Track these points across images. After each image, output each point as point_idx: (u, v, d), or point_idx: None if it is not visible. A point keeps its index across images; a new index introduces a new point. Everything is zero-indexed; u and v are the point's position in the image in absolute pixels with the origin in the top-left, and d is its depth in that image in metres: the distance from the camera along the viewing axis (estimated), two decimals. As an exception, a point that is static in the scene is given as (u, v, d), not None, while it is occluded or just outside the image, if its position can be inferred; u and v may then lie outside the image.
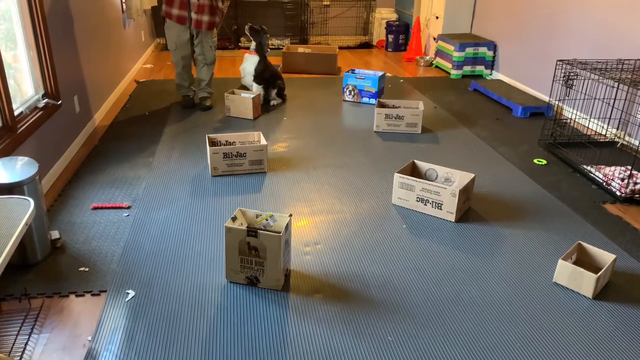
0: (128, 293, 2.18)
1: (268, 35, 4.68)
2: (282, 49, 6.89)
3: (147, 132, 4.00)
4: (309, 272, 2.34)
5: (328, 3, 7.51)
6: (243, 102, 4.28)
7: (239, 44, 7.19)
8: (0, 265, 1.27)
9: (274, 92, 4.71)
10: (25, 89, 3.11)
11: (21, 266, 2.32)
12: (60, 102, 3.34)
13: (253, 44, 4.65)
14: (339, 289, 2.23)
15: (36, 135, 2.96)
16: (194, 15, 4.22)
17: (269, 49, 4.74)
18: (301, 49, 6.15)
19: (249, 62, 4.72)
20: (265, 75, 4.63)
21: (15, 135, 2.69)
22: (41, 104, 3.13)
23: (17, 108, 2.88)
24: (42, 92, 3.22)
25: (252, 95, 4.31)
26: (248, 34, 4.63)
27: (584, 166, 3.39)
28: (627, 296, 2.22)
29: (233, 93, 4.44)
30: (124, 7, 5.38)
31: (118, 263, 2.37)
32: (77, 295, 2.17)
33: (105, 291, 2.19)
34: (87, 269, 2.33)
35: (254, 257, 2.16)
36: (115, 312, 2.06)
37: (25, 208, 1.57)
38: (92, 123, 4.07)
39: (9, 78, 2.70)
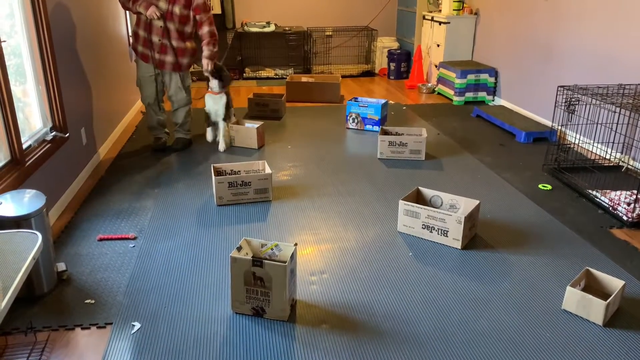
0: (134, 325, 2.17)
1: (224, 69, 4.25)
2: (285, 78, 6.99)
3: (153, 162, 4.04)
4: (315, 302, 2.32)
5: (330, 33, 7.64)
6: (247, 132, 4.33)
7: (244, 74, 7.29)
8: (8, 301, 1.28)
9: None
10: (33, 123, 3.16)
11: (27, 299, 2.32)
12: (67, 134, 3.38)
13: (214, 83, 4.17)
14: (345, 319, 2.21)
15: (44, 168, 3.00)
16: (156, 55, 3.98)
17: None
18: (304, 78, 6.24)
19: (220, 103, 4.21)
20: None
21: (24, 168, 2.72)
22: (49, 137, 3.18)
23: (26, 141, 2.93)
24: (50, 125, 3.27)
25: (257, 125, 4.35)
26: (213, 78, 4.14)
27: (590, 191, 3.38)
28: (638, 323, 2.19)
29: (238, 123, 4.49)
30: (131, 40, 5.49)
31: (124, 295, 2.37)
32: (82, 328, 2.16)
33: (111, 323, 2.18)
34: (93, 301, 2.33)
35: (260, 288, 2.16)
36: (120, 345, 2.05)
37: (32, 242, 1.58)
38: (99, 155, 4.12)
39: (18, 112, 2.75)
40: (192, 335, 2.11)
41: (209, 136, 4.33)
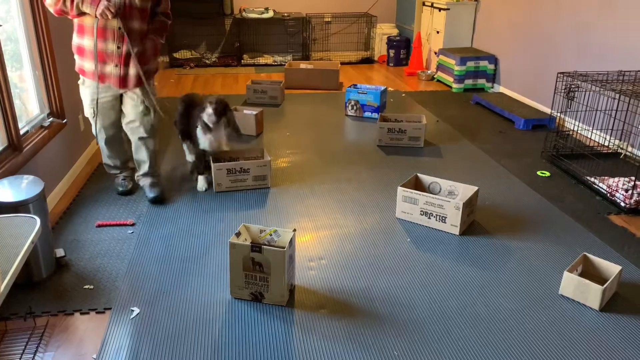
0: (133, 310, 2.17)
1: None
2: (284, 65, 6.95)
3: (151, 149, 4.02)
4: (314, 287, 2.33)
5: (329, 20, 7.59)
6: (246, 119, 4.31)
7: (242, 61, 7.25)
8: (7, 284, 1.28)
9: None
10: (30, 108, 3.15)
11: (26, 284, 2.33)
12: (65, 120, 3.37)
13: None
14: (343, 304, 2.22)
15: (41, 154, 2.99)
16: (113, 70, 2.85)
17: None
18: (303, 65, 6.20)
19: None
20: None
21: (21, 154, 2.71)
22: (46, 123, 3.16)
23: (23, 127, 2.91)
24: (47, 111, 3.25)
25: (255, 112, 4.34)
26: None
27: (588, 178, 3.38)
28: (634, 308, 2.20)
29: (236, 110, 4.47)
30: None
31: (122, 280, 2.38)
32: (82, 313, 2.17)
33: (110, 309, 2.19)
34: (92, 287, 2.33)
35: (259, 273, 2.16)
36: (120, 330, 2.06)
37: (31, 226, 1.58)
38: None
39: (14, 97, 2.73)
40: (190, 320, 2.12)
41: (202, 184, 3.27)
